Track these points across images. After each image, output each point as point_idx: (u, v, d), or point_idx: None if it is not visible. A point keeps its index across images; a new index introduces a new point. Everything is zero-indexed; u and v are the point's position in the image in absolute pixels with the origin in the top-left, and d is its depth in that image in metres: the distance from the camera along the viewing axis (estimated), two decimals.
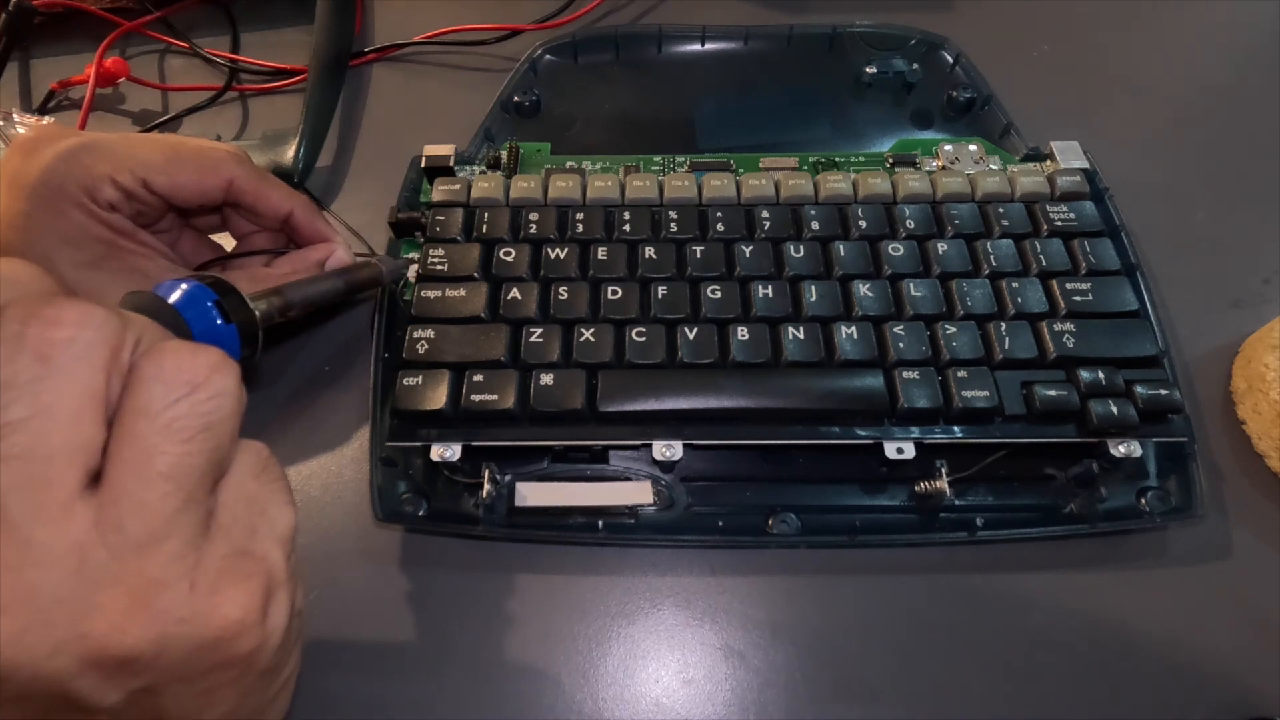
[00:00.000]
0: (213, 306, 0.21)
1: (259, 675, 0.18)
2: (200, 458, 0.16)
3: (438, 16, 0.46)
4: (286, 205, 0.31)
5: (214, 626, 0.16)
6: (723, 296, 0.31)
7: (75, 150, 0.25)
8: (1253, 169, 0.40)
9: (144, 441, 0.15)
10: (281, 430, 0.33)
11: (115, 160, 0.26)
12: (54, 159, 0.25)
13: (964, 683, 0.28)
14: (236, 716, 0.18)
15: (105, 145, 0.26)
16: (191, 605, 0.15)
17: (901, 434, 0.29)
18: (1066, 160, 0.36)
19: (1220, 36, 0.46)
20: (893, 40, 0.43)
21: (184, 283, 0.21)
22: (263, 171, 0.31)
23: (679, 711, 0.27)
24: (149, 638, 0.15)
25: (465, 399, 0.29)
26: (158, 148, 0.28)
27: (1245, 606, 0.29)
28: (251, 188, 0.30)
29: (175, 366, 0.16)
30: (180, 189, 0.28)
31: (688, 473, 0.30)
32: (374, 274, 0.30)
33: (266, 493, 0.18)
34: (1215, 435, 0.32)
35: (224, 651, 0.16)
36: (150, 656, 0.15)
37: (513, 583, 0.29)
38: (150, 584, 0.15)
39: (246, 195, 0.30)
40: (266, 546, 0.17)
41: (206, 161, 0.29)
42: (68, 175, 0.25)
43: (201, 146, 0.29)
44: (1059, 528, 0.29)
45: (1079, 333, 0.30)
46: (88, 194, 0.25)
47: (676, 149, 0.38)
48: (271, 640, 0.17)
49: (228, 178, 0.29)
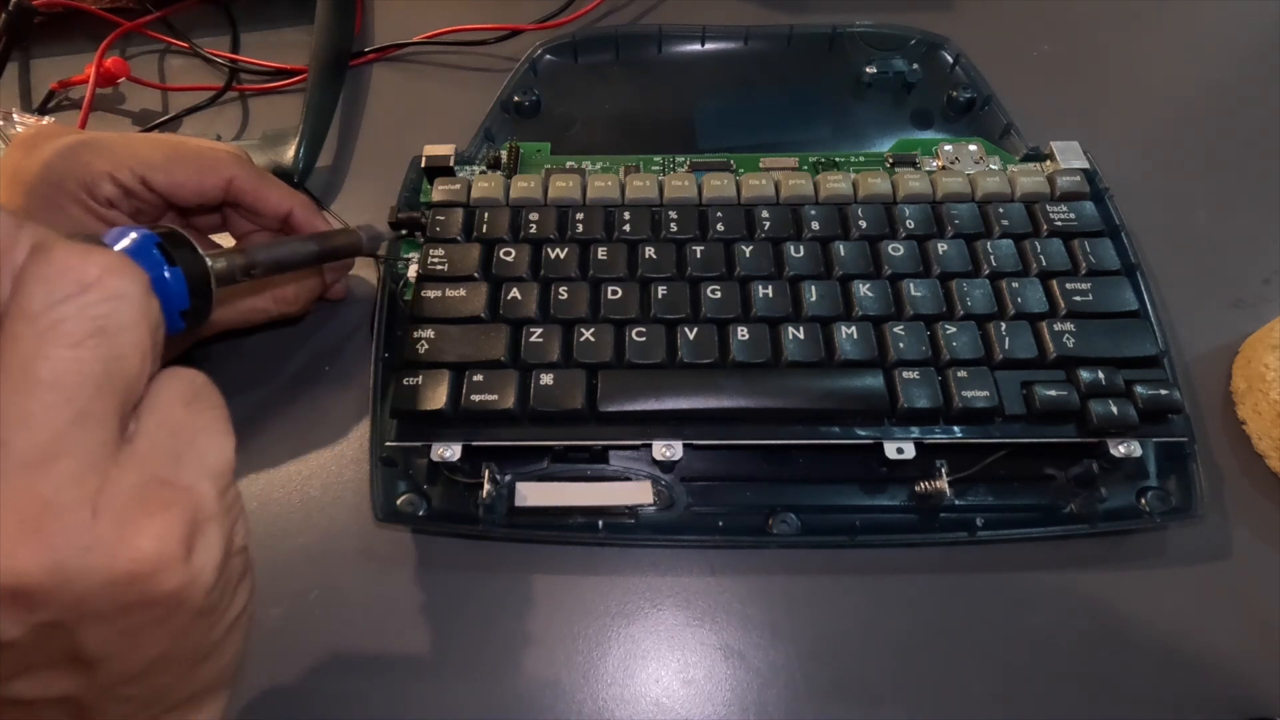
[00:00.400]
0: (158, 252, 0.20)
1: (193, 616, 0.16)
2: (92, 365, 0.14)
3: (438, 16, 0.46)
4: (286, 204, 0.31)
5: (124, 559, 0.14)
6: (723, 296, 0.31)
7: (74, 147, 0.25)
8: (1253, 169, 0.40)
9: (24, 345, 0.14)
10: (281, 430, 0.33)
11: (115, 157, 0.26)
12: (53, 155, 0.25)
13: (964, 683, 0.28)
14: (176, 658, 0.17)
15: (105, 143, 0.26)
16: (95, 534, 0.14)
17: (901, 434, 0.29)
18: (1066, 160, 0.36)
19: (1220, 36, 0.46)
20: (893, 40, 0.43)
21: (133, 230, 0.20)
22: (262, 171, 0.31)
23: (679, 711, 0.27)
24: (43, 566, 0.14)
25: (465, 399, 0.29)
26: (158, 146, 0.28)
27: (1245, 606, 0.29)
28: (251, 187, 0.30)
29: (63, 265, 0.14)
30: (179, 187, 0.28)
31: (688, 473, 0.30)
32: (352, 241, 0.30)
33: (198, 421, 0.17)
34: (1215, 435, 0.32)
35: (141, 588, 0.15)
36: (49, 588, 0.14)
37: (513, 583, 0.29)
38: (42, 506, 0.14)
39: (246, 195, 0.30)
40: (193, 477, 0.16)
41: (206, 160, 0.29)
42: (67, 171, 0.25)
43: (201, 146, 0.29)
44: (1059, 528, 0.29)
45: (1079, 333, 0.30)
46: (86, 190, 0.25)
47: (676, 149, 0.38)
48: (201, 579, 0.16)
49: (227, 177, 0.29)
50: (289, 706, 0.27)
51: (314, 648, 0.28)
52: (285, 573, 0.30)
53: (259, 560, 0.30)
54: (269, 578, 0.29)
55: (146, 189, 0.27)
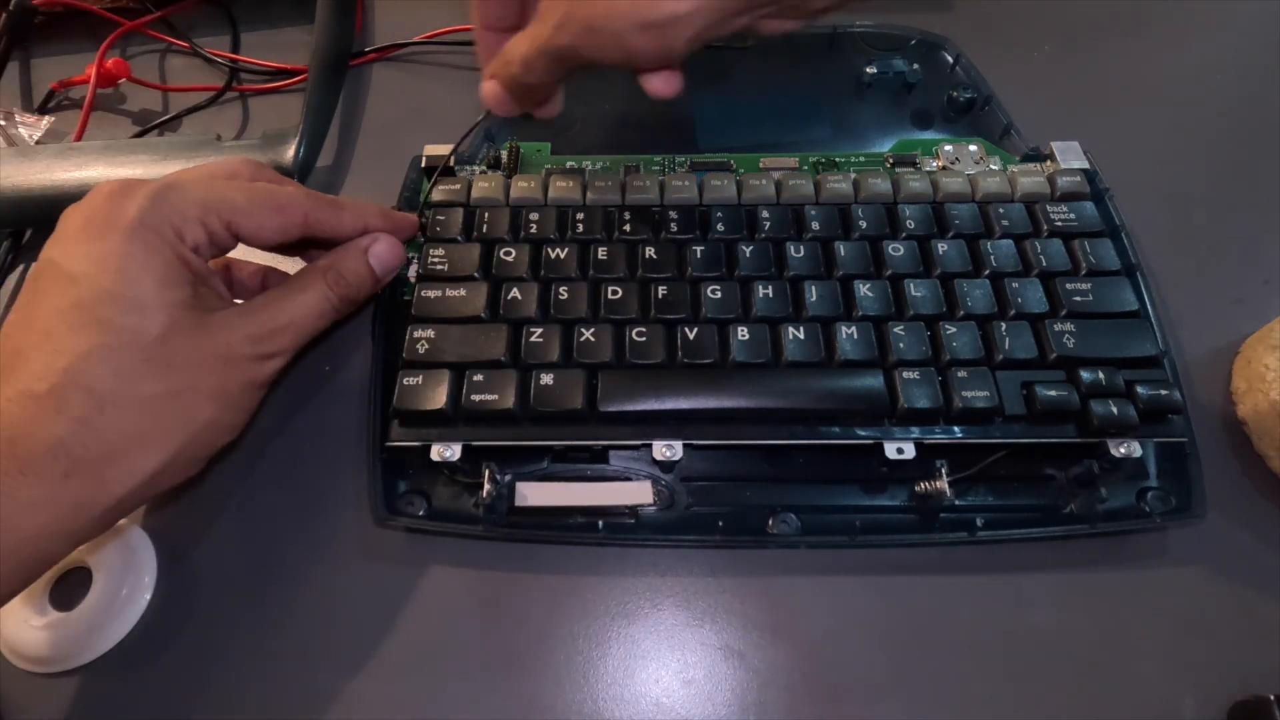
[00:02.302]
0: None
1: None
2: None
3: (438, 16, 0.46)
4: (360, 223, 0.30)
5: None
6: (723, 296, 0.31)
7: (163, 192, 0.25)
8: (1253, 169, 0.40)
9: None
10: (282, 430, 0.33)
11: (202, 203, 0.26)
12: (147, 200, 0.24)
13: (964, 683, 0.28)
14: None
15: (189, 187, 0.26)
16: None
17: (902, 434, 0.29)
18: (1066, 160, 0.36)
19: (1220, 37, 0.46)
20: (893, 40, 0.43)
21: None
22: (330, 198, 0.30)
23: (679, 711, 0.27)
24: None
25: (465, 399, 0.29)
26: (238, 191, 0.27)
27: (1245, 606, 0.29)
28: (326, 217, 0.29)
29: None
30: (261, 229, 0.27)
31: (688, 473, 0.30)
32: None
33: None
34: (1215, 435, 0.32)
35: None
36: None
37: (513, 583, 0.29)
38: None
39: (325, 226, 0.29)
40: None
41: (281, 200, 0.28)
42: (161, 219, 0.25)
43: (272, 187, 0.28)
44: (1059, 528, 0.29)
45: (1079, 333, 0.30)
46: (177, 235, 0.25)
47: (676, 149, 0.38)
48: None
49: (303, 213, 0.28)
50: (288, 706, 0.27)
51: (314, 647, 0.28)
52: (285, 573, 0.30)
53: (259, 559, 0.30)
54: (268, 577, 0.29)
55: (229, 234, 0.27)
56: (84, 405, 0.22)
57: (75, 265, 0.24)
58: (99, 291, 0.23)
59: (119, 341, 0.23)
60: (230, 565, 0.30)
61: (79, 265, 0.23)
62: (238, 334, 0.25)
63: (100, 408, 0.22)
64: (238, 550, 0.30)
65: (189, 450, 0.25)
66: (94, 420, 0.22)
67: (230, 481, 0.31)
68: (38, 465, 0.22)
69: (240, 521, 0.31)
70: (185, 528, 0.30)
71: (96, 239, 0.24)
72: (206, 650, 0.28)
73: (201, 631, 0.29)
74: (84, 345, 0.22)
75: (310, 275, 0.29)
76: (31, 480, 0.22)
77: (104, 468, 0.23)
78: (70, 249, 0.24)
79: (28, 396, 0.22)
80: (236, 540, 0.30)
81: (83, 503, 0.23)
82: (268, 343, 0.26)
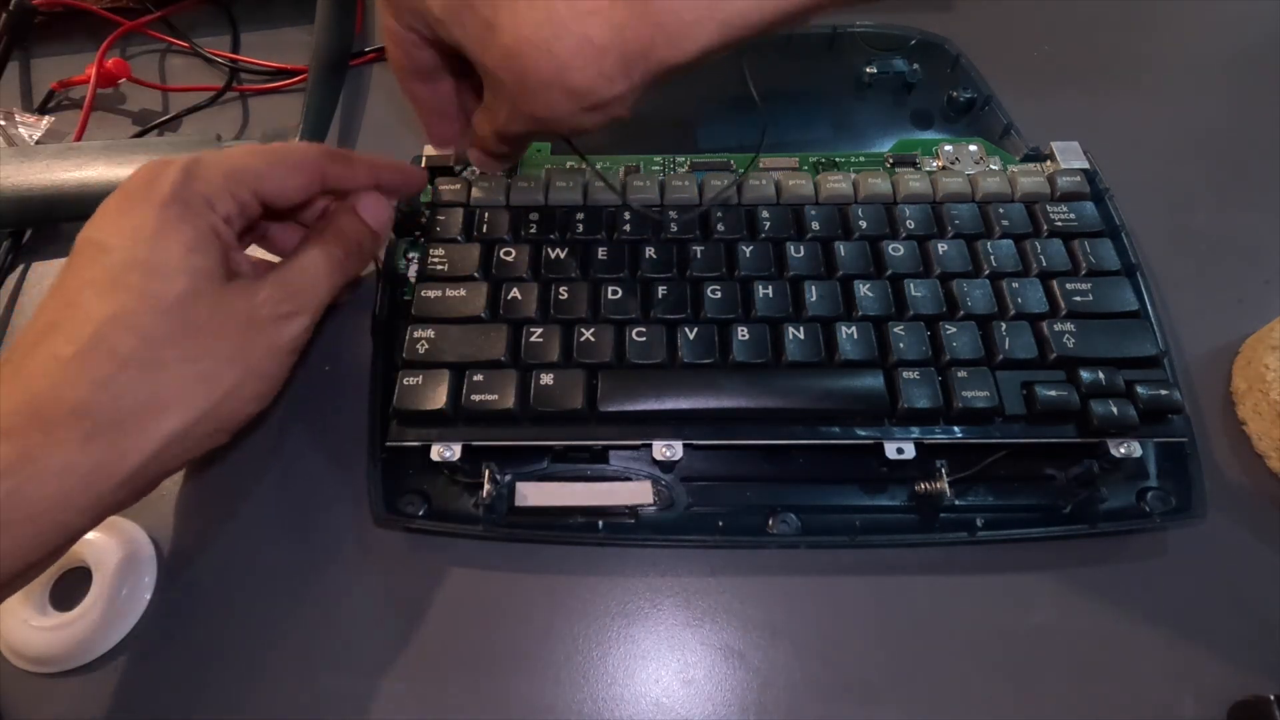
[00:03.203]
0: None
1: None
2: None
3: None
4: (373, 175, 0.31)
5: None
6: (723, 296, 0.31)
7: (192, 165, 0.26)
8: (1253, 169, 0.40)
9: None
10: (282, 430, 0.33)
11: (229, 173, 0.26)
12: (178, 174, 0.25)
13: (964, 683, 0.28)
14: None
15: (212, 160, 0.27)
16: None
17: (902, 434, 0.29)
18: (1066, 160, 0.36)
19: (1220, 36, 0.46)
20: (893, 40, 0.43)
21: None
22: (341, 151, 0.31)
23: (679, 711, 0.27)
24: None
25: (465, 399, 0.29)
26: (254, 155, 0.28)
27: (1245, 606, 0.29)
28: (343, 171, 0.30)
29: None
30: (284, 191, 0.28)
31: (688, 473, 0.30)
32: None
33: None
34: (1215, 435, 0.32)
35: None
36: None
37: (513, 583, 0.29)
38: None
39: (344, 180, 0.30)
40: None
41: (297, 158, 0.29)
42: (192, 189, 0.25)
43: (286, 146, 0.29)
44: (1059, 528, 0.29)
45: (1079, 333, 0.30)
46: (209, 205, 0.26)
47: (676, 149, 0.38)
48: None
49: (320, 170, 0.29)
50: (288, 706, 0.27)
51: (314, 647, 0.28)
52: (284, 573, 0.30)
53: (259, 559, 0.30)
54: (268, 577, 0.29)
55: (255, 200, 0.27)
56: (106, 367, 0.23)
57: (108, 238, 0.24)
58: (127, 259, 0.24)
59: (142, 305, 0.23)
60: (230, 565, 0.30)
61: (112, 238, 0.24)
62: (257, 297, 0.26)
63: (122, 369, 0.23)
64: (238, 550, 0.30)
65: (211, 417, 0.25)
66: (115, 382, 0.23)
67: (230, 481, 0.31)
68: (59, 427, 0.22)
69: (240, 521, 0.31)
70: (185, 528, 0.30)
71: (129, 213, 0.25)
72: (206, 650, 0.28)
73: (201, 631, 0.29)
74: (109, 309, 0.23)
75: (313, 237, 0.29)
76: (53, 443, 0.22)
77: (124, 430, 0.23)
78: (104, 225, 0.25)
79: (54, 360, 0.23)
80: (237, 540, 0.30)
81: (103, 467, 0.23)
82: (287, 303, 0.27)
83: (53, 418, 0.22)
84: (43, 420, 0.22)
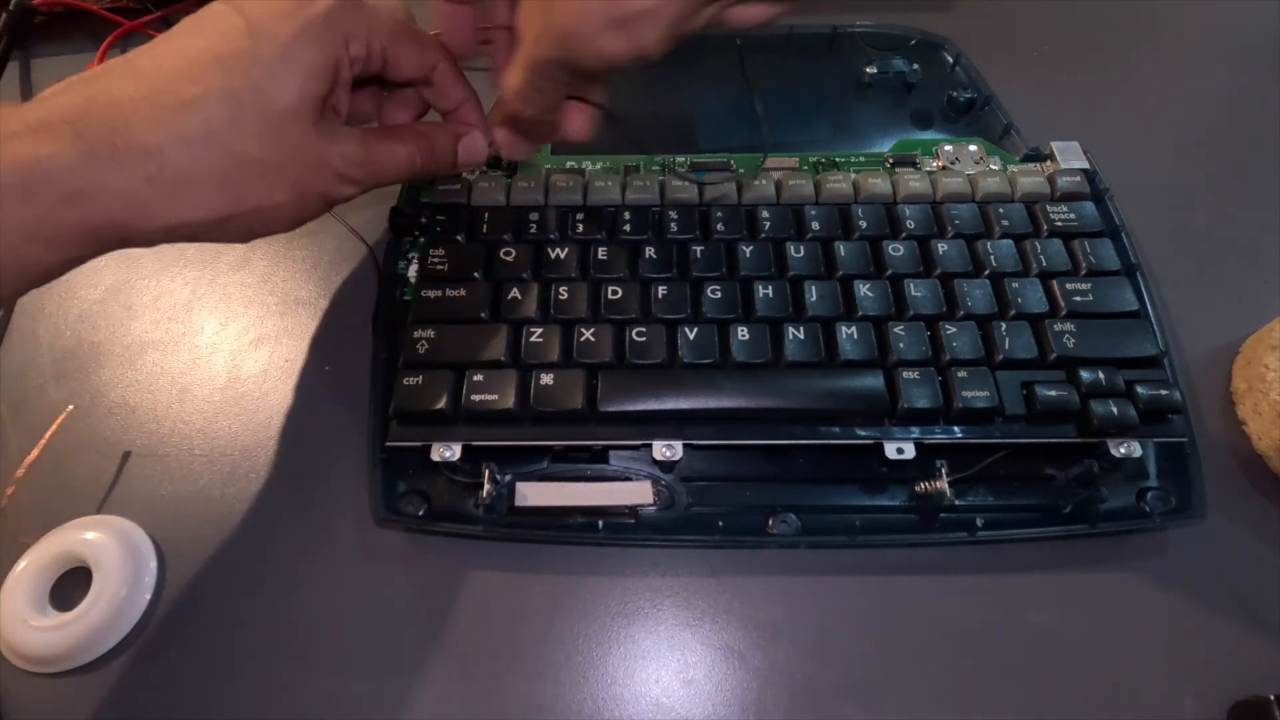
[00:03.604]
0: None
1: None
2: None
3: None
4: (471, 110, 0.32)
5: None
6: (723, 296, 0.31)
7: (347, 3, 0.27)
8: (1253, 169, 0.40)
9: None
10: (282, 430, 0.33)
11: (374, 25, 0.27)
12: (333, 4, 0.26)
13: (964, 683, 0.28)
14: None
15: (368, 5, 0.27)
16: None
17: (902, 434, 0.29)
18: (1066, 160, 0.36)
19: (1220, 37, 0.46)
20: (893, 40, 0.43)
21: None
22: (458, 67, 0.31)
23: (679, 711, 0.27)
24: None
25: (465, 399, 0.29)
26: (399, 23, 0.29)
27: (1245, 606, 0.29)
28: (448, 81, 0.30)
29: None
30: (404, 64, 0.29)
31: (688, 473, 0.30)
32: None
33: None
34: (1215, 435, 0.32)
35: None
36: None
37: (513, 583, 0.29)
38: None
39: (444, 89, 0.31)
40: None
41: (427, 41, 0.29)
42: (342, 22, 0.26)
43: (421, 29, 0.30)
44: (1059, 528, 0.29)
45: (1079, 333, 0.30)
46: (346, 42, 0.27)
47: (676, 149, 0.38)
48: None
49: (436, 63, 0.30)
50: (288, 706, 0.27)
51: (314, 647, 0.28)
52: (285, 573, 0.30)
53: (259, 559, 0.30)
54: (268, 577, 0.29)
55: (381, 57, 0.28)
56: (193, 130, 0.24)
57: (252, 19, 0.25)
58: (257, 51, 0.25)
59: (250, 98, 0.24)
60: (230, 565, 0.30)
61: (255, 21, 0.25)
62: (338, 148, 0.27)
63: (205, 139, 0.24)
64: (238, 550, 0.30)
65: (248, 218, 0.26)
66: (191, 146, 0.24)
67: (230, 481, 0.31)
68: (128, 157, 0.23)
69: (240, 521, 0.31)
70: (185, 528, 0.30)
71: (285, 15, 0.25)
72: (206, 650, 0.28)
73: (201, 631, 0.29)
74: (219, 85, 0.24)
75: (408, 132, 0.30)
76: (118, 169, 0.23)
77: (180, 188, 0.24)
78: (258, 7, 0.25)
79: (147, 101, 0.24)
80: (236, 540, 0.30)
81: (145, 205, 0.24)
82: (355, 168, 0.28)
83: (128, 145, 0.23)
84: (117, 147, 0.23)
